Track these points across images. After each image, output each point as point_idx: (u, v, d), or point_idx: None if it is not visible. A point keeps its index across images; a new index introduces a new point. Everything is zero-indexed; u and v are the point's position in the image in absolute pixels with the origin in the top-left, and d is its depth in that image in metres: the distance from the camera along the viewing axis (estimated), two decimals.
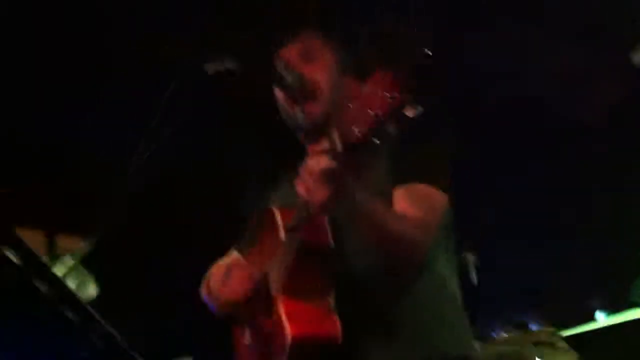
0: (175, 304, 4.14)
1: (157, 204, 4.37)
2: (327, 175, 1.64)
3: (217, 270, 2.29)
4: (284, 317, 1.90)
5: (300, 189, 1.70)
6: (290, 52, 2.13)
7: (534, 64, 4.24)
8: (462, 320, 2.12)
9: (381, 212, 1.87)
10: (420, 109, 1.48)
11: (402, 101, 1.47)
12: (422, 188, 1.98)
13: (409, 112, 1.47)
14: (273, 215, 2.07)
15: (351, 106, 1.55)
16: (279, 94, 2.14)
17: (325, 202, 1.67)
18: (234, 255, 2.33)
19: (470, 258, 4.65)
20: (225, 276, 2.18)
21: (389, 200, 1.97)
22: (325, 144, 1.66)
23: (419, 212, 1.94)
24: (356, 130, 1.53)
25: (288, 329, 1.87)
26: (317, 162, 1.65)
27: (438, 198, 2.01)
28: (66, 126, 4.23)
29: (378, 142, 1.54)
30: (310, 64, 2.11)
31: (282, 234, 2.00)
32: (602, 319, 3.06)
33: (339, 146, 1.60)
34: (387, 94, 1.47)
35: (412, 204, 1.95)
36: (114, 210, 2.49)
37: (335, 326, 1.91)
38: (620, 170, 4.60)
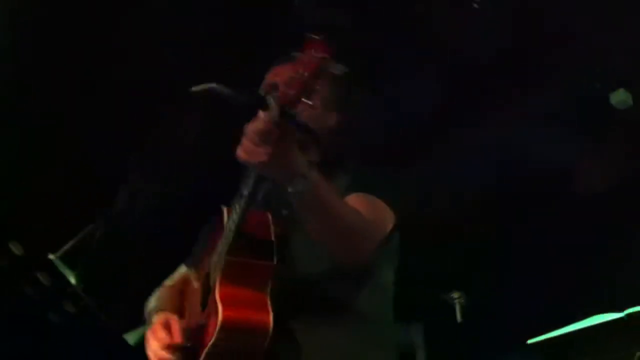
0: None
1: None
2: (263, 135, 1.72)
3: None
4: (218, 301, 1.91)
5: (239, 151, 1.77)
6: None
7: None
8: (394, 339, 2.21)
9: (337, 198, 1.93)
10: (341, 67, 1.67)
11: (325, 60, 1.65)
12: (375, 199, 2.09)
13: (333, 70, 1.68)
14: (222, 213, 2.13)
15: (289, 74, 1.73)
16: None
17: (264, 163, 1.73)
18: (182, 270, 2.42)
19: (456, 297, 4.73)
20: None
21: None
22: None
23: (371, 215, 2.02)
24: (289, 91, 1.72)
25: (220, 311, 1.88)
26: (252, 124, 1.75)
27: (388, 211, 2.10)
28: None
29: (311, 103, 1.75)
30: None
31: (225, 225, 2.05)
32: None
33: (275, 109, 1.70)
34: (314, 56, 1.68)
35: (365, 207, 2.02)
36: None
37: (267, 317, 1.93)
38: None
